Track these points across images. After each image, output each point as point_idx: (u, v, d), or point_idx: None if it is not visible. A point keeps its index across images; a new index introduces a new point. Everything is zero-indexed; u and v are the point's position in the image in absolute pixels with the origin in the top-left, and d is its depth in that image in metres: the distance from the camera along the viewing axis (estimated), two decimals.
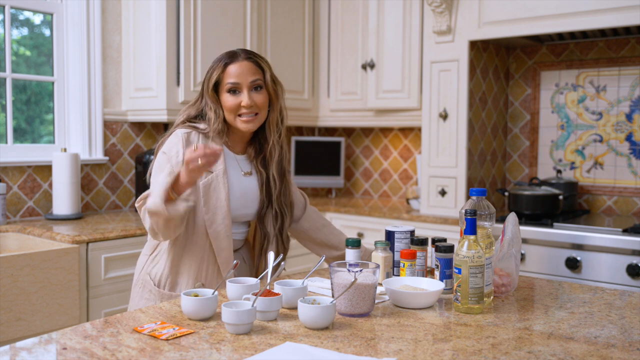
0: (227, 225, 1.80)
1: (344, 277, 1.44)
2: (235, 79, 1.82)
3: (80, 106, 3.19)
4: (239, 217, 1.89)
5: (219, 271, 1.83)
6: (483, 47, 3.36)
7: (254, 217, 1.93)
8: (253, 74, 1.83)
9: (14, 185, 2.95)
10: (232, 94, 1.82)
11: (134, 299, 1.89)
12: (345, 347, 1.24)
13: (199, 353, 1.19)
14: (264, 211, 1.91)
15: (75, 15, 3.17)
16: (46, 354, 1.21)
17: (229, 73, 1.82)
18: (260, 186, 1.91)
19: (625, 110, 3.30)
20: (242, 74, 1.82)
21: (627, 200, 3.31)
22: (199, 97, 1.90)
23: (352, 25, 3.81)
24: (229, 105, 1.82)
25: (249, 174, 1.90)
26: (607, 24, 2.80)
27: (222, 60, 1.84)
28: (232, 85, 1.82)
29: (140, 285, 1.87)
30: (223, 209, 1.80)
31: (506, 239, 1.69)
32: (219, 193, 1.79)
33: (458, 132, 3.24)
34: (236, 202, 1.85)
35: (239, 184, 1.86)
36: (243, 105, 1.81)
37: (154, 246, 1.88)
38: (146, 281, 1.85)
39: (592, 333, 1.34)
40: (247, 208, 1.89)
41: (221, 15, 3.29)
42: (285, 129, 1.97)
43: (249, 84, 1.82)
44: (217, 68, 1.84)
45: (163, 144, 1.84)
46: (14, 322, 2.31)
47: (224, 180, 1.81)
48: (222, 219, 1.80)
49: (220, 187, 1.80)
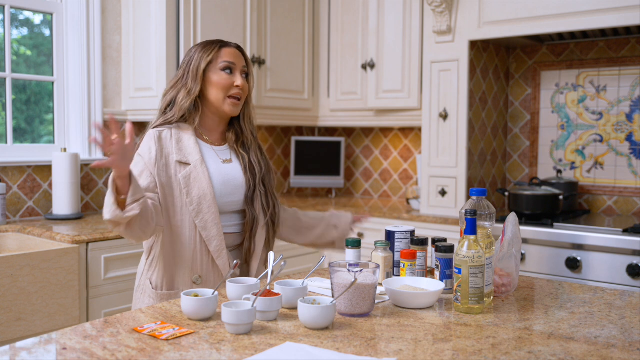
0: (214, 213, 1.80)
1: (344, 277, 1.44)
2: (231, 59, 1.88)
3: (80, 106, 3.19)
4: (227, 205, 1.86)
5: (214, 262, 1.82)
6: (483, 47, 3.36)
7: (243, 204, 1.90)
8: (243, 62, 1.91)
9: (13, 185, 2.95)
10: (227, 73, 1.87)
11: (136, 304, 1.90)
12: (345, 347, 1.23)
13: (199, 353, 1.19)
14: (250, 194, 1.90)
15: (75, 15, 3.17)
16: (46, 354, 1.20)
17: (225, 53, 1.88)
18: (244, 169, 1.91)
19: (625, 110, 3.30)
20: (236, 56, 1.90)
21: (628, 200, 3.30)
22: (179, 78, 1.88)
23: (352, 25, 3.81)
24: (224, 82, 1.85)
25: (229, 161, 1.90)
26: (607, 24, 2.80)
27: (216, 44, 1.89)
28: (228, 63, 1.87)
29: (141, 291, 1.87)
30: (207, 197, 1.79)
31: (506, 239, 1.69)
32: (200, 182, 1.79)
33: (458, 132, 3.24)
34: (220, 189, 1.83)
35: (218, 171, 1.86)
36: (236, 85, 1.86)
37: (149, 249, 1.87)
38: (146, 286, 1.86)
39: (593, 333, 1.34)
40: (233, 195, 1.87)
41: (221, 15, 3.29)
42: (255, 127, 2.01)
43: (241, 68, 1.90)
44: (212, 49, 1.87)
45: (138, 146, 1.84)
46: (14, 322, 2.31)
47: (203, 169, 1.81)
48: (208, 207, 1.79)
49: (200, 176, 1.80)
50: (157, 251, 1.83)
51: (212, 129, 1.93)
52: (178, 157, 1.80)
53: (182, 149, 1.82)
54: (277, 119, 3.74)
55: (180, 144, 1.82)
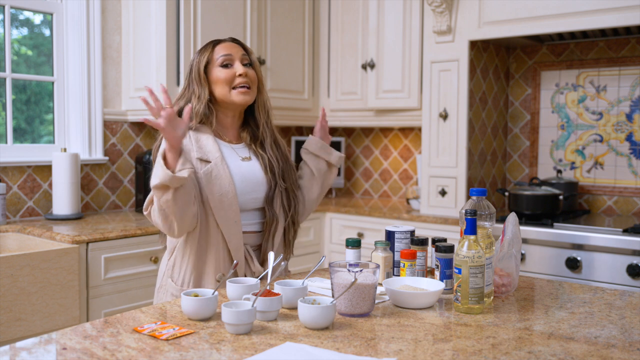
0: (235, 211, 1.80)
1: (344, 277, 1.44)
2: (226, 51, 1.87)
3: (80, 106, 3.19)
4: (248, 203, 1.86)
5: (232, 260, 1.83)
6: (483, 47, 3.36)
7: (263, 201, 1.90)
8: (242, 50, 1.91)
9: (14, 185, 2.95)
10: (225, 68, 1.86)
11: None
12: (345, 347, 1.23)
13: (199, 353, 1.19)
14: (272, 193, 1.90)
15: (75, 15, 3.17)
16: (46, 354, 1.20)
17: (218, 49, 1.88)
18: (265, 169, 1.90)
19: (625, 110, 3.30)
20: (231, 48, 1.89)
21: (628, 200, 3.30)
22: (186, 87, 1.91)
23: (352, 25, 3.81)
24: (224, 77, 1.85)
25: (248, 159, 1.90)
26: (607, 24, 2.80)
27: (210, 44, 1.90)
28: (224, 57, 1.87)
29: (164, 291, 1.88)
30: (229, 194, 1.79)
31: (506, 239, 1.69)
32: (221, 180, 1.79)
33: (458, 132, 3.24)
34: (240, 187, 1.83)
35: (238, 168, 1.86)
36: (238, 74, 1.85)
37: (171, 249, 1.88)
38: (168, 285, 1.86)
39: (593, 333, 1.34)
40: (254, 192, 1.87)
41: (221, 15, 3.29)
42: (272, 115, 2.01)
43: (240, 57, 1.89)
44: (206, 49, 1.89)
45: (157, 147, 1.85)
46: (14, 322, 2.31)
47: (224, 166, 1.81)
48: (229, 205, 1.79)
49: (221, 173, 1.80)
50: (182, 249, 1.84)
51: (228, 126, 1.93)
52: (198, 154, 1.81)
53: (201, 147, 1.83)
54: (277, 119, 3.69)
55: (200, 143, 1.83)
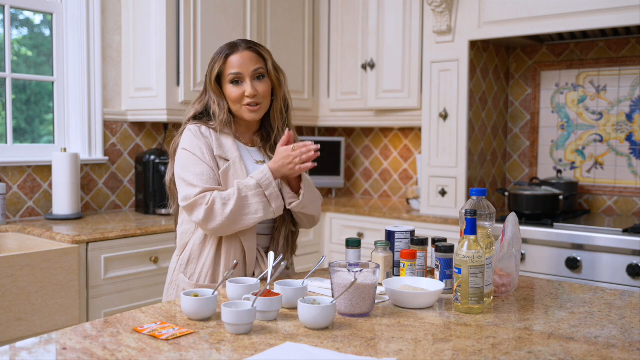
0: None
1: (344, 277, 1.44)
2: (237, 69, 1.84)
3: (80, 106, 3.19)
4: None
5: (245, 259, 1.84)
6: (483, 47, 3.36)
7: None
8: (255, 63, 1.86)
9: (13, 185, 2.95)
10: (235, 85, 1.85)
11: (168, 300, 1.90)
12: (345, 347, 1.23)
13: (199, 353, 1.19)
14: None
15: (75, 15, 3.17)
16: (46, 354, 1.20)
17: (230, 64, 1.85)
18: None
19: (625, 110, 3.30)
20: (243, 64, 1.84)
21: (628, 200, 3.30)
22: (203, 92, 1.93)
23: (352, 25, 3.81)
24: (233, 96, 1.85)
25: (262, 162, 1.92)
26: (607, 24, 2.80)
27: (223, 52, 1.87)
28: (234, 75, 1.84)
29: (175, 287, 1.89)
30: None
31: (506, 239, 1.69)
32: (238, 178, 1.81)
33: (458, 132, 3.24)
34: None
35: (253, 170, 1.87)
36: (247, 95, 1.84)
37: (183, 246, 1.89)
38: (180, 280, 1.87)
39: (593, 333, 1.34)
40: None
41: (221, 15, 3.29)
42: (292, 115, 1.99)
43: (251, 74, 1.85)
44: (218, 60, 1.87)
45: (177, 143, 1.86)
46: (14, 322, 2.31)
47: (241, 166, 1.84)
48: None
49: (239, 172, 1.83)
50: (201, 246, 1.84)
51: (244, 131, 1.95)
52: (218, 152, 1.83)
53: (221, 146, 1.85)
54: None
55: (220, 141, 1.86)
